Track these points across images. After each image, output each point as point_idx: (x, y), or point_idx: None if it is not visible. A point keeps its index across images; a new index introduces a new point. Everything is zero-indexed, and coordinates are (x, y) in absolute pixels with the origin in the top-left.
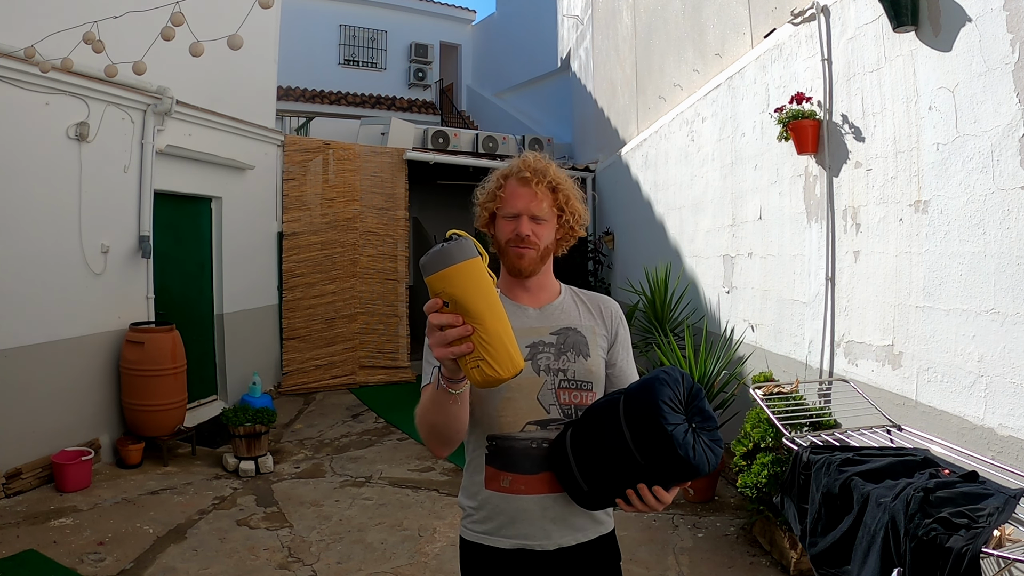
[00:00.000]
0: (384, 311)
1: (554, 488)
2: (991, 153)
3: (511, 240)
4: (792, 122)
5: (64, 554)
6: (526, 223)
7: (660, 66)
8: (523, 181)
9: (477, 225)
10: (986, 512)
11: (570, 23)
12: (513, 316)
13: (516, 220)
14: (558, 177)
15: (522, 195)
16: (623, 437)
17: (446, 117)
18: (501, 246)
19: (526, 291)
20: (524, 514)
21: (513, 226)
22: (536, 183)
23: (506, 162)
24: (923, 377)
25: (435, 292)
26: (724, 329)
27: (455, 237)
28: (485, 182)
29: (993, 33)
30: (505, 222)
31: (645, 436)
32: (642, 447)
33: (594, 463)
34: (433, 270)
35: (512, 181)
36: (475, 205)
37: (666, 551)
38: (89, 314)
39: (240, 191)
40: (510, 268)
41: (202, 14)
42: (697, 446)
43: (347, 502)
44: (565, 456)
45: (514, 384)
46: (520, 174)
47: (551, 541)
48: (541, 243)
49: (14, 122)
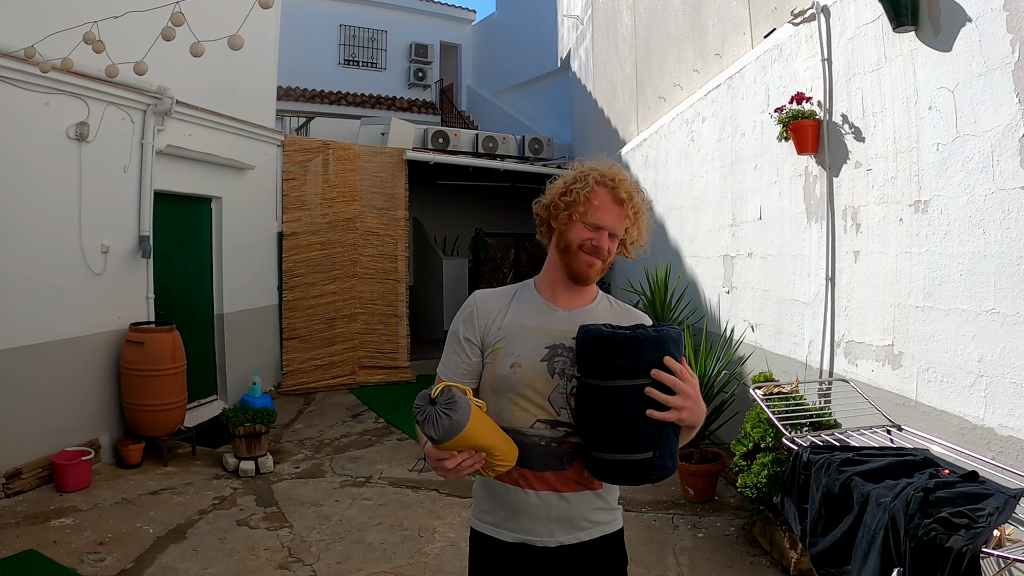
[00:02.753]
0: (384, 311)
1: (559, 487)
2: (991, 153)
3: (586, 247)
4: (792, 122)
5: (64, 554)
6: (606, 238)
7: (660, 66)
8: (618, 200)
9: (541, 211)
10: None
11: (570, 23)
12: (541, 315)
13: (598, 232)
14: (642, 206)
15: (613, 212)
16: (610, 391)
17: (446, 117)
18: (571, 248)
19: (567, 291)
20: (528, 509)
21: (592, 236)
22: (628, 205)
23: (592, 165)
24: (923, 377)
25: (450, 448)
26: (724, 329)
27: (450, 395)
28: (569, 178)
29: (993, 33)
30: (585, 228)
31: (612, 363)
32: (622, 369)
33: (622, 429)
34: (448, 438)
35: (605, 193)
36: (552, 195)
37: (666, 551)
38: (89, 314)
39: (240, 191)
40: (575, 273)
41: (202, 14)
42: (650, 330)
43: (347, 502)
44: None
45: (527, 383)
46: (617, 192)
47: (552, 538)
48: (611, 258)
49: (14, 122)
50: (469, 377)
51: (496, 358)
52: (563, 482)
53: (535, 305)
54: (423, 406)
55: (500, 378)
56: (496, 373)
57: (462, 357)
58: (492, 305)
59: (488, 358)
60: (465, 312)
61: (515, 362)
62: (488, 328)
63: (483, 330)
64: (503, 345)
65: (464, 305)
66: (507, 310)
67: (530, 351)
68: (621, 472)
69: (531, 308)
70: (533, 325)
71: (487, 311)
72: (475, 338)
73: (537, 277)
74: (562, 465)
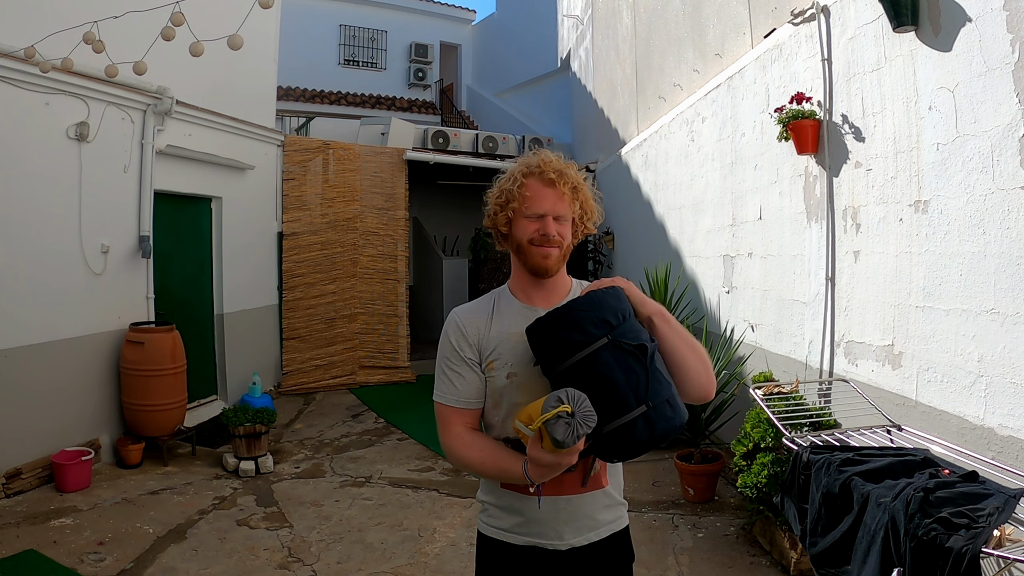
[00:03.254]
0: (384, 311)
1: (567, 489)
2: (991, 153)
3: (535, 240)
4: (792, 122)
5: (64, 554)
6: (552, 223)
7: (660, 66)
8: (548, 182)
9: (488, 223)
10: (986, 512)
11: (570, 23)
12: (523, 320)
13: (541, 220)
14: (577, 178)
15: (548, 195)
16: (573, 369)
17: (446, 117)
18: (522, 245)
19: (542, 290)
20: (538, 514)
21: (537, 226)
22: (561, 184)
23: (520, 161)
24: (923, 377)
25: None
26: (724, 329)
27: (580, 399)
28: (500, 180)
29: (993, 33)
30: (528, 222)
31: (563, 341)
32: (573, 341)
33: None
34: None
35: (535, 181)
36: (487, 204)
37: (666, 551)
38: (89, 314)
39: (240, 191)
40: (534, 268)
41: (202, 14)
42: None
43: (347, 502)
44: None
45: (525, 390)
46: (545, 175)
47: (563, 542)
48: (564, 243)
49: (14, 122)
50: (479, 395)
51: (492, 372)
52: (571, 483)
53: (515, 310)
54: (561, 424)
55: (499, 390)
56: (495, 387)
57: (468, 376)
58: (476, 319)
59: (484, 373)
60: (453, 332)
61: (510, 372)
62: (480, 342)
63: (478, 344)
64: (495, 357)
65: (447, 326)
66: (490, 322)
67: (521, 357)
68: (626, 440)
69: (512, 314)
70: (519, 331)
71: (475, 325)
72: (473, 354)
73: (509, 282)
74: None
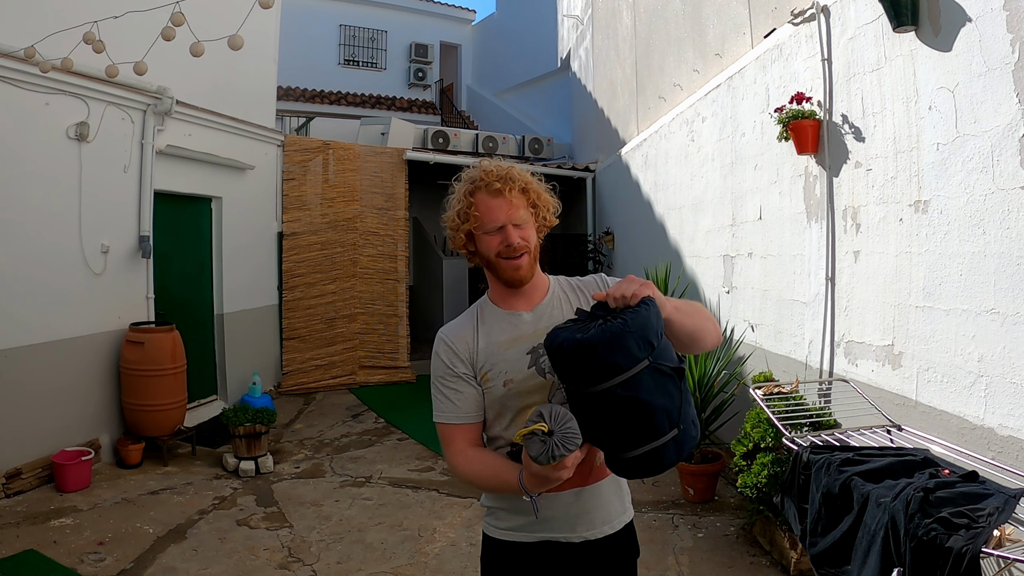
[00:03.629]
0: (384, 311)
1: (575, 484)
2: (991, 153)
3: (502, 252)
4: (792, 122)
5: (64, 554)
6: (513, 232)
7: (660, 66)
8: (495, 192)
9: (453, 247)
10: (986, 512)
11: (570, 23)
12: (509, 327)
13: (501, 232)
14: (523, 177)
15: (499, 206)
16: (612, 393)
17: (446, 117)
18: (491, 260)
19: (521, 296)
20: (548, 512)
21: (499, 239)
22: (508, 190)
23: (464, 177)
24: (923, 377)
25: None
26: (724, 329)
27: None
28: (450, 202)
29: (993, 33)
30: (488, 237)
31: (607, 365)
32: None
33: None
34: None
35: (482, 195)
36: (446, 229)
37: (666, 551)
38: (89, 314)
39: (240, 191)
40: (509, 280)
41: (202, 14)
42: (627, 313)
43: (347, 502)
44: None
45: (524, 394)
46: (491, 186)
47: (576, 534)
48: (531, 245)
49: (14, 122)
50: (479, 408)
51: (488, 384)
52: (579, 477)
53: (500, 318)
54: (536, 441)
55: (499, 400)
56: (494, 397)
57: (466, 391)
58: (462, 334)
59: (481, 385)
60: (443, 352)
61: (506, 380)
62: (472, 356)
63: (470, 359)
64: (488, 368)
65: (436, 347)
66: (477, 335)
67: (515, 363)
68: (654, 463)
69: (498, 323)
70: (506, 338)
71: (463, 340)
72: (467, 368)
73: (489, 292)
74: None
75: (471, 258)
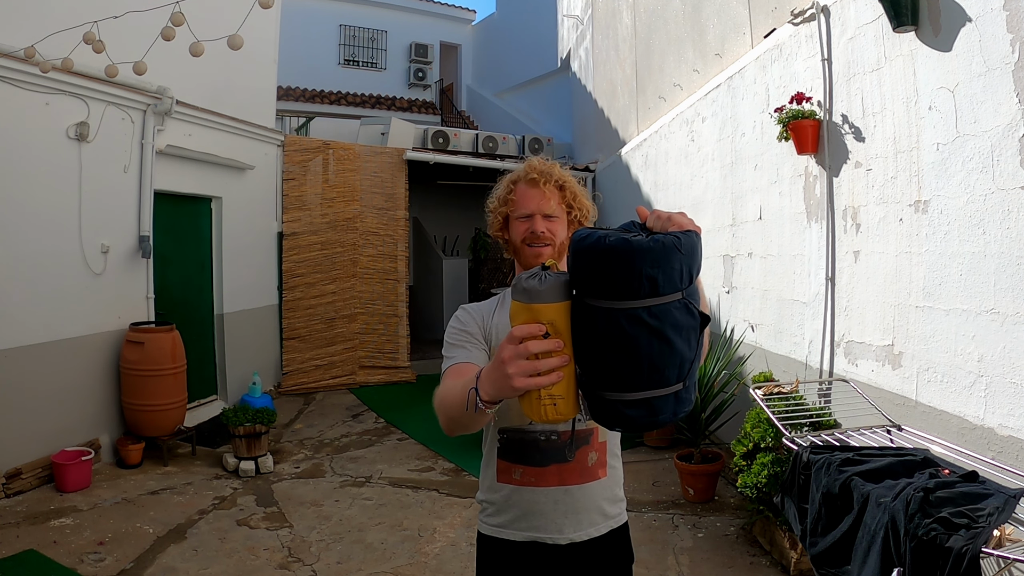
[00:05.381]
0: (384, 311)
1: (564, 481)
2: (991, 153)
3: (527, 239)
4: (792, 122)
5: (64, 554)
6: (540, 221)
7: (660, 66)
8: (532, 183)
9: (491, 231)
10: (986, 512)
11: (570, 23)
12: None
13: (530, 220)
14: (563, 176)
15: (532, 196)
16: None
17: (446, 117)
18: (517, 246)
19: None
20: (536, 507)
21: (527, 225)
22: (544, 183)
23: (513, 168)
24: (923, 377)
25: (540, 320)
26: (724, 329)
27: (556, 270)
28: (495, 189)
29: (993, 33)
30: (519, 223)
31: (642, 278)
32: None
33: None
34: (553, 299)
35: (521, 185)
36: (488, 212)
37: (666, 551)
38: (89, 314)
39: (240, 191)
40: (528, 267)
41: (202, 14)
42: (678, 234)
43: (347, 502)
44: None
45: None
46: (528, 176)
47: (563, 535)
48: (556, 239)
49: (14, 122)
50: (484, 364)
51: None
52: (568, 474)
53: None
54: (531, 278)
55: None
56: None
57: (474, 351)
58: (482, 311)
59: (489, 355)
60: (461, 317)
61: None
62: (484, 328)
63: (483, 331)
64: (496, 343)
65: (453, 317)
66: (494, 314)
67: None
68: (647, 415)
69: None
70: None
71: (480, 313)
72: (480, 337)
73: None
74: (565, 456)
75: (505, 247)
